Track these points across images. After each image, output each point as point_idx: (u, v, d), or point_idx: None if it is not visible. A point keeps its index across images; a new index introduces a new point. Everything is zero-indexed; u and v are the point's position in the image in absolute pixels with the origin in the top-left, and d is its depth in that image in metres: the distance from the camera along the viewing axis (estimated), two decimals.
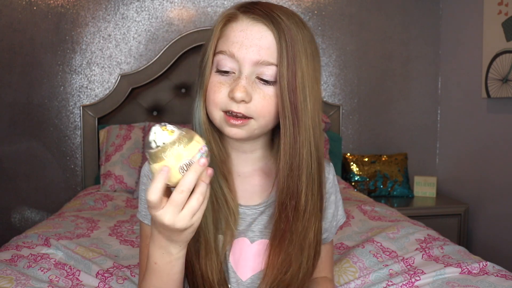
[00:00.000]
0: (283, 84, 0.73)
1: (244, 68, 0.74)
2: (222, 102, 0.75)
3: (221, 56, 0.75)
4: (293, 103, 0.73)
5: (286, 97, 0.73)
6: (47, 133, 2.51)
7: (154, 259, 0.71)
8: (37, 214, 2.53)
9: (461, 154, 2.73)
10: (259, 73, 0.74)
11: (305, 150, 0.76)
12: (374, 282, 1.21)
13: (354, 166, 2.69)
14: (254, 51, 0.73)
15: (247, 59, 0.73)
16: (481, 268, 1.20)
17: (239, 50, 0.73)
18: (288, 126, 0.74)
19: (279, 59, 0.73)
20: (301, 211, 0.78)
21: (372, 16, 2.82)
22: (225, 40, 0.76)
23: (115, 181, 2.24)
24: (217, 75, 0.76)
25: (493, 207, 2.48)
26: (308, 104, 0.75)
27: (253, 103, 0.74)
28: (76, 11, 2.51)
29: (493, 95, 2.38)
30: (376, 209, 1.81)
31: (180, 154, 0.62)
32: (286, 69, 0.72)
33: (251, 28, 0.74)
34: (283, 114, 0.74)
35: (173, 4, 2.61)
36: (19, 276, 1.15)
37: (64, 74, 2.52)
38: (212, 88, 0.76)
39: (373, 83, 2.85)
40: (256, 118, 0.75)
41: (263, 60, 0.73)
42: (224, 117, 0.76)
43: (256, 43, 0.73)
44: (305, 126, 0.75)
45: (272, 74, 0.74)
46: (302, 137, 0.75)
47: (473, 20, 2.58)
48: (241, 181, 0.86)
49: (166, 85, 2.58)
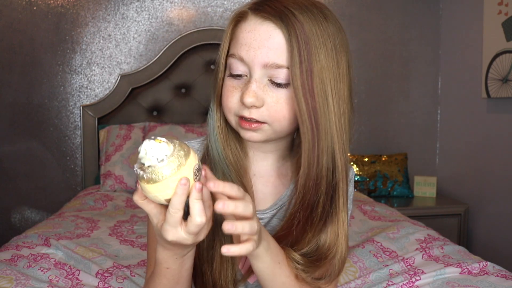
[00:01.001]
0: (296, 86, 0.66)
1: (254, 71, 0.69)
2: (235, 107, 0.72)
3: (232, 59, 0.71)
4: (310, 107, 0.67)
5: (301, 100, 0.67)
6: (47, 133, 2.51)
7: (166, 265, 0.68)
8: (37, 214, 2.53)
9: (461, 154, 2.73)
10: (271, 76, 0.69)
11: (325, 159, 0.70)
12: (374, 282, 1.21)
13: (354, 166, 2.69)
14: (263, 53, 0.68)
15: (255, 62, 0.68)
16: (481, 268, 1.20)
17: (247, 52, 0.69)
18: (306, 132, 0.68)
19: (291, 60, 0.66)
20: (316, 222, 0.73)
21: (372, 16, 2.82)
22: (235, 43, 0.71)
23: (115, 181, 2.24)
24: (230, 79, 0.72)
25: (493, 207, 2.48)
26: (331, 106, 0.69)
27: (266, 108, 0.70)
28: (76, 11, 2.51)
29: (493, 95, 2.38)
30: (376, 209, 1.81)
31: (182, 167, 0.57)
32: (299, 70, 0.66)
33: (259, 28, 0.68)
34: (300, 119, 0.68)
35: (173, 4, 2.61)
36: (19, 276, 1.15)
37: (64, 74, 2.52)
38: (225, 93, 0.73)
39: (373, 83, 2.85)
40: (270, 123, 0.71)
41: (272, 62, 0.68)
42: (239, 121, 0.72)
43: (264, 44, 0.68)
44: (326, 131, 0.69)
45: (285, 76, 0.68)
46: (322, 144, 0.69)
47: (473, 20, 2.58)
48: (256, 181, 0.82)
49: (166, 85, 2.58)
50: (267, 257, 0.68)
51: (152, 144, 0.56)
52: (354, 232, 1.59)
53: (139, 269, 1.29)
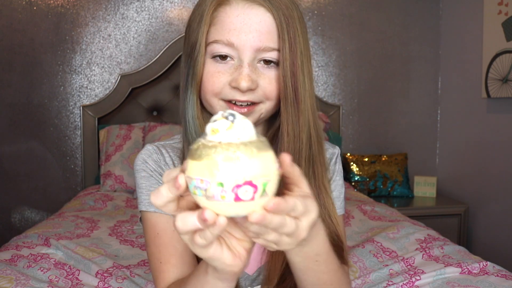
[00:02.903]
0: (285, 66, 0.69)
1: (244, 55, 0.69)
2: (222, 92, 0.71)
3: (216, 45, 0.69)
4: (293, 86, 0.70)
5: (288, 79, 0.69)
6: (47, 133, 2.51)
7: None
8: (37, 214, 2.53)
9: (461, 154, 2.73)
10: (262, 58, 0.70)
11: (305, 135, 0.73)
12: (374, 282, 1.21)
13: (354, 166, 2.69)
14: (255, 37, 0.68)
15: (247, 46, 0.68)
16: (481, 268, 1.20)
17: (238, 37, 0.68)
18: (290, 110, 0.71)
19: (281, 43, 0.69)
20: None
21: (372, 16, 2.82)
22: (220, 28, 0.69)
23: (115, 181, 2.24)
24: (213, 64, 0.71)
25: (493, 207, 2.48)
26: (307, 84, 0.72)
27: (260, 89, 0.71)
28: (76, 11, 2.51)
29: (493, 95, 2.38)
30: (376, 209, 1.81)
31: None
32: (289, 52, 0.69)
33: (248, 12, 0.68)
34: (285, 97, 0.70)
35: (173, 4, 2.61)
36: (19, 276, 1.15)
37: (64, 74, 2.52)
38: (209, 78, 0.71)
39: (373, 83, 2.85)
40: (264, 102, 0.73)
41: (265, 46, 0.69)
42: (228, 106, 0.71)
43: (256, 28, 0.68)
44: (305, 108, 0.72)
45: (275, 57, 0.70)
46: (302, 121, 0.72)
47: (473, 20, 2.58)
48: None
49: (166, 85, 2.58)
50: (301, 254, 0.61)
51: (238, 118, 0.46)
52: (354, 232, 1.59)
53: (139, 269, 1.29)
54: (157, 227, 0.76)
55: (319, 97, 2.75)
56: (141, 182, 0.79)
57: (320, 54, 2.77)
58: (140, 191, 0.79)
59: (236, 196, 0.41)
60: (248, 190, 0.41)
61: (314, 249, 0.61)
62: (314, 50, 2.77)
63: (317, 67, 2.78)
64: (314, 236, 0.59)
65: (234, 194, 0.41)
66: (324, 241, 0.62)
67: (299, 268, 0.64)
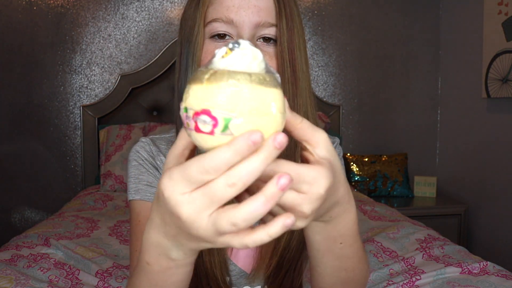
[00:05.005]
0: (283, 42, 0.69)
1: (244, 32, 0.69)
2: None
3: (215, 24, 0.70)
4: (291, 62, 0.70)
5: (286, 54, 0.69)
6: (47, 133, 2.51)
7: (147, 258, 0.48)
8: (37, 214, 2.53)
9: (461, 154, 2.73)
10: (261, 35, 0.70)
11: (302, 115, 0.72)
12: (374, 281, 1.21)
13: (354, 166, 2.69)
14: (254, 12, 0.68)
15: (247, 22, 0.68)
16: (481, 268, 1.20)
17: (237, 13, 0.68)
18: (287, 87, 0.70)
19: (279, 18, 0.69)
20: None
21: (372, 16, 2.82)
22: (218, 7, 0.70)
23: (115, 181, 2.24)
24: (212, 43, 0.70)
25: (493, 207, 2.48)
26: (303, 65, 0.72)
27: None
28: (76, 11, 2.51)
29: (493, 95, 2.38)
30: (376, 209, 1.81)
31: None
32: (286, 28, 0.69)
33: None
34: (282, 72, 0.70)
35: (173, 4, 2.61)
36: (19, 276, 1.15)
37: (64, 74, 2.52)
38: (208, 57, 0.70)
39: (373, 83, 2.85)
40: None
41: (264, 21, 0.69)
42: None
43: (254, 4, 0.68)
44: (302, 88, 0.71)
45: (273, 34, 0.70)
46: (300, 101, 0.71)
47: (473, 20, 2.58)
48: None
49: (166, 85, 2.58)
50: (323, 232, 0.54)
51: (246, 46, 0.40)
52: None
53: None
54: (140, 215, 0.75)
55: (319, 97, 2.75)
56: (131, 171, 0.78)
57: (320, 54, 2.77)
58: (129, 180, 0.77)
59: (195, 125, 0.36)
60: (206, 120, 0.36)
61: (340, 229, 0.53)
62: (314, 50, 2.77)
63: (317, 67, 2.78)
64: (340, 214, 0.51)
65: (194, 123, 0.36)
66: (353, 222, 0.54)
67: (318, 249, 0.56)
